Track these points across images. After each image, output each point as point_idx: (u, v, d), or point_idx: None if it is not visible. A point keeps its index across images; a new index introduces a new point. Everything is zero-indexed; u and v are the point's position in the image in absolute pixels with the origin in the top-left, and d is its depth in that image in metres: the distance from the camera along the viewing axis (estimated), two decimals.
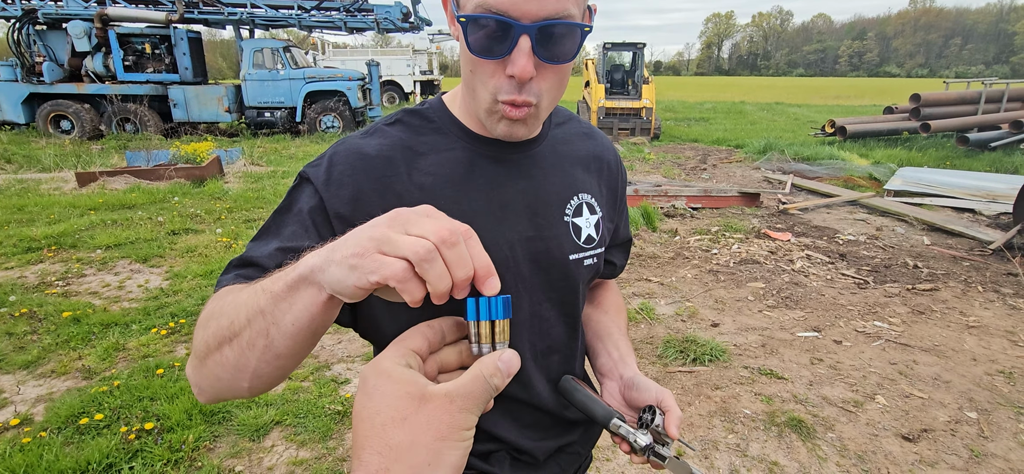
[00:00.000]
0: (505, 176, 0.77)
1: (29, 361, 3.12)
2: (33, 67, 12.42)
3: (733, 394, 2.91)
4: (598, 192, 0.87)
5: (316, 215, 0.69)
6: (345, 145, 0.74)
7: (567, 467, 0.90)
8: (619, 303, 1.00)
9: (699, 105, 24.99)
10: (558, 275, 0.80)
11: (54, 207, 6.31)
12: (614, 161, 0.93)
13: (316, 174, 0.71)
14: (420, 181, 0.73)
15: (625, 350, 0.87)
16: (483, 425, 0.80)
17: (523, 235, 0.77)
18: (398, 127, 0.77)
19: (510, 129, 0.69)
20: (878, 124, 12.54)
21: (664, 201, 6.74)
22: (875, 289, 4.35)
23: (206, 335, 0.59)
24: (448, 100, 0.80)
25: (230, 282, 0.66)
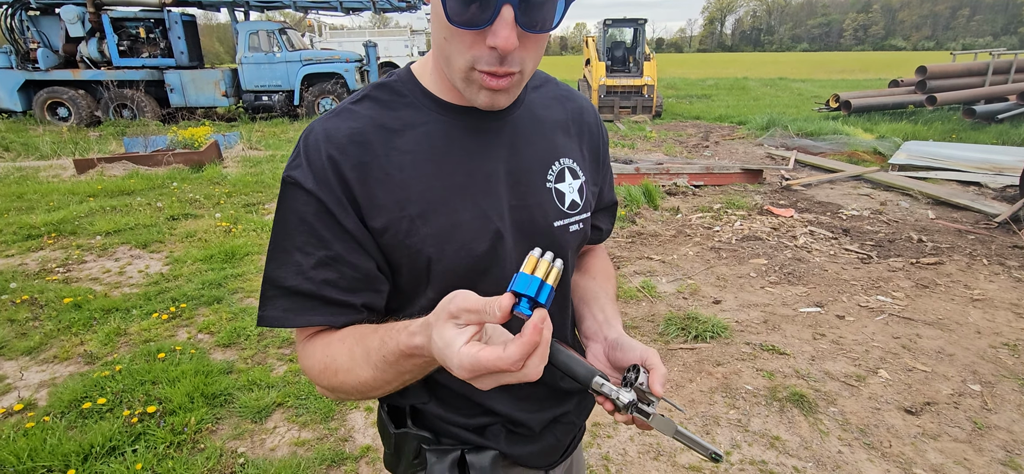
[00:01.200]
0: (484, 146, 0.74)
1: (31, 347, 3.13)
2: (28, 54, 12.29)
3: (734, 370, 2.90)
4: (580, 156, 0.85)
5: (322, 219, 0.68)
6: (315, 134, 0.70)
7: (562, 437, 0.89)
8: (607, 269, 0.98)
9: (701, 82, 24.71)
10: (544, 243, 0.78)
11: (53, 194, 6.29)
12: (594, 122, 0.90)
13: (302, 176, 0.69)
14: (398, 161, 0.70)
15: (611, 313, 0.85)
16: (478, 399, 0.79)
17: (507, 205, 0.75)
18: (367, 104, 0.73)
19: (491, 99, 0.66)
20: (883, 98, 12.38)
21: (666, 179, 6.69)
22: (879, 264, 4.32)
23: (346, 392, 0.71)
24: (417, 71, 0.76)
25: (313, 322, 0.71)
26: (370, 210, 0.69)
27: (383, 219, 0.69)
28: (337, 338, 0.72)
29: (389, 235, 0.70)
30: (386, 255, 0.72)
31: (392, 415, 0.85)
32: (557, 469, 0.93)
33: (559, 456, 0.91)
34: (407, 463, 0.82)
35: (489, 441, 0.82)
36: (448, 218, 0.71)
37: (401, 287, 0.75)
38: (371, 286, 0.72)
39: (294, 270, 0.70)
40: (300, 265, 0.69)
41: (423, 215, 0.70)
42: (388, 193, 0.69)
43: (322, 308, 0.70)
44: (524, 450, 0.85)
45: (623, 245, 4.85)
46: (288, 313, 0.70)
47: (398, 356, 0.64)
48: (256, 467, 2.20)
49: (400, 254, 0.71)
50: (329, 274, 0.69)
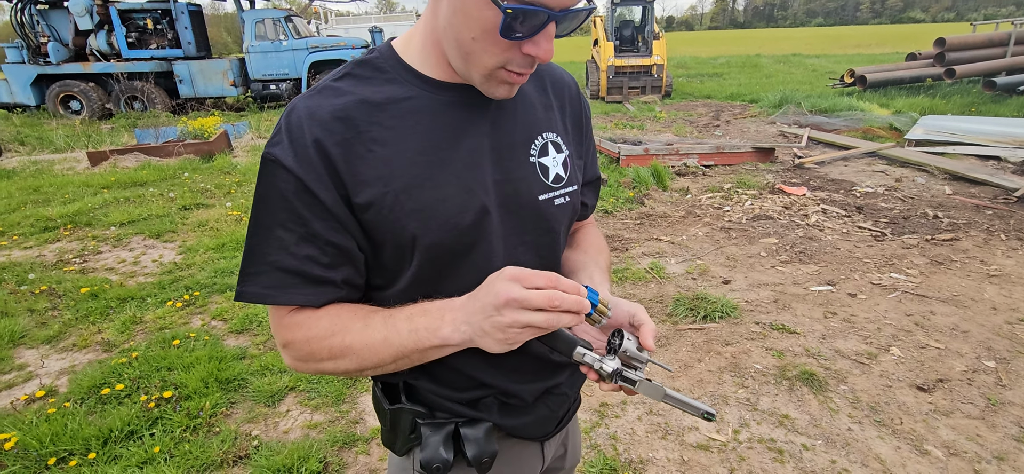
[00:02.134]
0: (468, 121, 0.74)
1: (51, 336, 3.21)
2: (39, 48, 12.42)
3: (743, 349, 2.89)
4: (563, 129, 0.85)
5: (302, 198, 0.68)
6: (297, 112, 0.70)
7: (556, 408, 0.89)
8: (598, 242, 0.97)
9: (712, 60, 24.32)
10: (530, 217, 0.79)
11: (68, 187, 6.40)
12: (575, 95, 0.90)
13: (283, 154, 0.68)
14: (382, 136, 0.70)
15: (599, 280, 0.85)
16: (468, 371, 0.80)
17: (492, 179, 0.75)
18: (349, 81, 0.73)
19: (509, 91, 0.70)
20: (900, 72, 12.10)
21: (675, 160, 6.62)
22: (893, 241, 4.26)
23: (340, 365, 0.72)
24: (399, 47, 0.76)
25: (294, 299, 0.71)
26: (354, 186, 0.69)
27: (368, 195, 0.69)
28: (345, 314, 0.73)
29: (373, 211, 0.70)
30: (370, 231, 0.72)
31: (386, 392, 0.86)
32: (552, 440, 0.94)
33: (553, 427, 0.91)
34: (403, 438, 0.83)
35: (482, 413, 0.83)
36: (433, 193, 0.71)
37: (385, 263, 0.75)
38: (351, 263, 0.73)
39: (277, 246, 0.70)
40: (283, 241, 0.69)
41: (407, 190, 0.70)
42: (372, 169, 0.69)
43: (304, 286, 0.71)
44: (517, 421, 0.85)
45: (631, 227, 4.82)
46: (270, 290, 0.70)
47: (424, 350, 0.69)
48: (270, 449, 2.25)
49: (384, 229, 0.71)
50: (311, 250, 0.70)
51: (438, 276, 0.75)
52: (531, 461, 0.91)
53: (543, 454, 0.92)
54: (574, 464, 1.05)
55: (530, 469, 0.92)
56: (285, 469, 2.12)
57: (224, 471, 2.17)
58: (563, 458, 1.01)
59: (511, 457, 0.88)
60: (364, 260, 0.75)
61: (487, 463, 0.80)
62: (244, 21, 12.60)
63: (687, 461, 2.16)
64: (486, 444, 0.80)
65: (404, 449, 0.84)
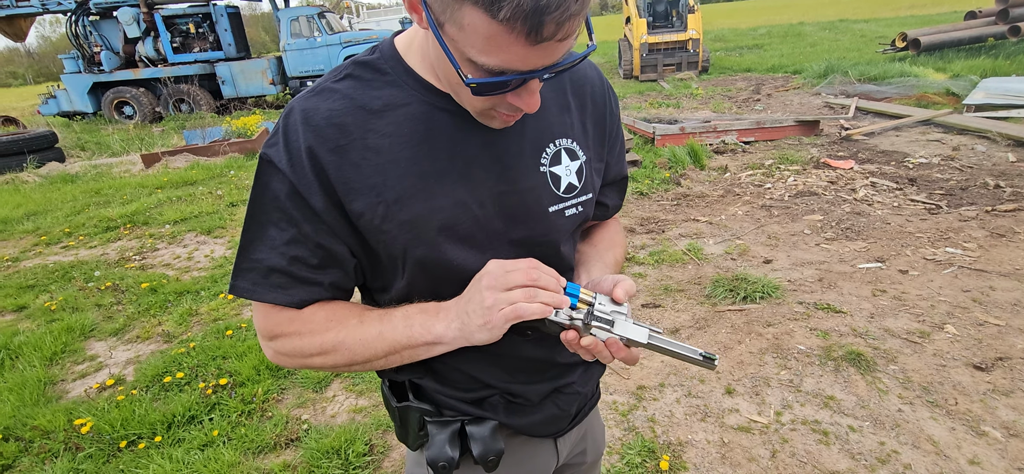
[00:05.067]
0: (468, 130, 0.71)
1: (117, 329, 3.44)
2: (93, 57, 13.21)
3: (786, 330, 2.82)
4: (581, 133, 0.80)
5: (294, 201, 0.68)
6: (294, 115, 0.69)
7: (566, 407, 0.88)
8: (612, 238, 0.93)
9: (752, 31, 23.36)
10: (539, 229, 0.76)
11: (126, 188, 6.78)
12: (600, 93, 0.84)
13: (277, 155, 0.68)
14: (376, 144, 0.68)
15: (597, 272, 0.82)
16: (470, 371, 0.80)
17: (494, 191, 0.72)
18: (348, 82, 0.71)
19: (506, 123, 0.69)
20: (958, 32, 11.31)
21: (713, 137, 6.44)
22: (949, 213, 4.03)
23: (328, 360, 0.73)
24: (402, 47, 0.73)
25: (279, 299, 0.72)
26: (347, 194, 0.68)
27: (360, 203, 0.68)
28: (341, 311, 0.74)
29: (366, 219, 0.69)
30: (365, 238, 0.71)
31: (394, 390, 0.86)
32: (567, 436, 0.93)
33: (566, 424, 0.90)
34: (414, 435, 0.84)
35: (487, 412, 0.83)
36: (424, 204, 0.69)
37: (382, 269, 0.75)
38: (340, 266, 0.73)
39: (268, 245, 0.70)
40: (273, 240, 0.70)
41: (399, 201, 0.69)
42: (365, 178, 0.68)
43: (291, 285, 0.71)
44: (524, 420, 0.84)
45: (668, 208, 4.74)
46: (257, 286, 0.71)
47: (416, 346, 0.71)
48: (319, 432, 2.36)
49: (376, 239, 0.71)
50: (300, 252, 0.70)
51: (433, 286, 0.74)
52: (544, 458, 0.91)
53: (557, 450, 0.92)
54: (596, 458, 1.04)
55: (544, 466, 0.91)
56: (334, 450, 2.22)
57: (277, 453, 2.29)
58: (583, 453, 0.99)
59: (522, 455, 0.88)
60: (357, 265, 0.75)
61: (494, 461, 0.80)
62: (280, 20, 12.95)
63: (727, 443, 2.14)
64: (492, 442, 0.80)
65: (416, 445, 0.85)
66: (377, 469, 2.19)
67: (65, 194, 6.81)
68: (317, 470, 2.15)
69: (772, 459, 2.04)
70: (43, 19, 14.72)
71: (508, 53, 0.55)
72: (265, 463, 2.24)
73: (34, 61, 52.27)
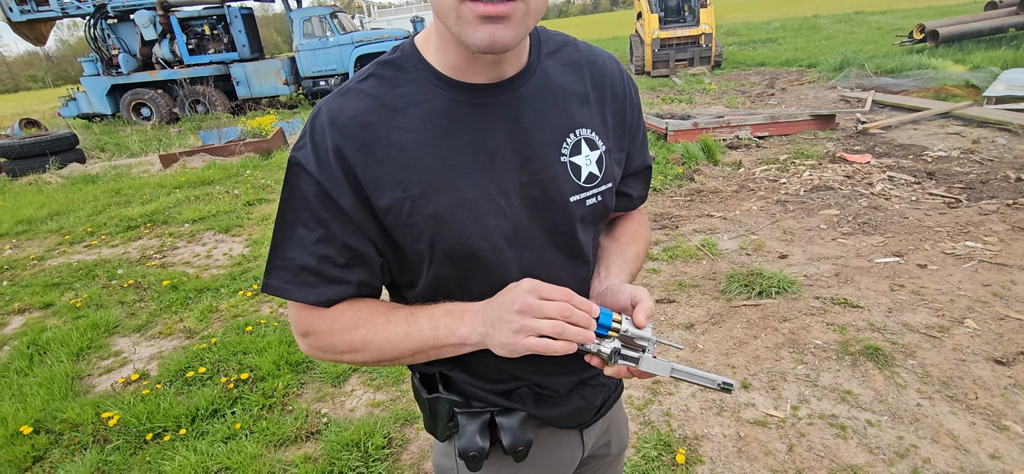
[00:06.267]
0: (490, 122, 0.72)
1: (140, 325, 3.52)
2: (111, 59, 13.46)
3: (802, 325, 2.81)
4: (601, 123, 0.80)
5: (322, 201, 0.70)
6: (321, 117, 0.71)
7: (592, 398, 0.90)
8: (634, 231, 0.94)
9: (766, 25, 23.09)
10: (561, 219, 0.77)
11: (145, 188, 6.91)
12: (620, 85, 0.84)
13: (305, 158, 0.70)
14: (400, 140, 0.70)
15: (616, 269, 0.83)
16: (501, 365, 0.80)
17: (516, 181, 0.73)
18: (371, 82, 0.72)
19: (491, 33, 0.60)
20: (977, 23, 11.09)
21: (726, 132, 6.40)
22: (968, 207, 3.98)
23: (358, 357, 0.77)
24: (421, 44, 0.74)
25: (309, 297, 0.75)
26: (374, 191, 0.70)
27: (387, 199, 0.70)
28: (368, 310, 0.77)
29: (393, 214, 0.70)
30: (392, 233, 0.73)
31: (424, 382, 0.88)
32: (592, 428, 0.94)
33: (592, 416, 0.92)
34: (443, 426, 0.85)
35: (516, 404, 0.84)
36: (450, 197, 0.70)
37: (407, 264, 0.77)
38: (367, 265, 0.75)
39: (298, 244, 0.73)
40: (303, 240, 0.73)
41: (425, 195, 0.70)
42: (390, 174, 0.70)
43: (320, 284, 0.74)
44: (552, 412, 0.86)
45: (681, 203, 4.73)
46: (288, 284, 0.74)
47: (441, 346, 0.73)
48: (338, 425, 2.40)
49: (403, 233, 0.72)
50: (328, 250, 0.72)
51: (460, 278, 0.75)
52: (571, 449, 0.92)
53: (582, 442, 0.93)
54: (620, 449, 1.05)
55: (570, 457, 0.92)
56: (353, 443, 2.26)
57: (298, 445, 2.34)
58: (608, 445, 1.01)
59: (549, 446, 0.89)
60: (384, 263, 0.77)
61: (523, 452, 0.81)
62: (292, 20, 13.08)
63: (744, 437, 2.15)
64: (521, 433, 0.81)
65: (445, 436, 0.87)
66: (396, 462, 2.22)
67: (86, 194, 6.96)
68: (337, 463, 2.19)
69: (789, 453, 2.04)
70: (62, 23, 15.04)
71: None
72: (287, 455, 2.28)
73: (54, 64, 53.30)
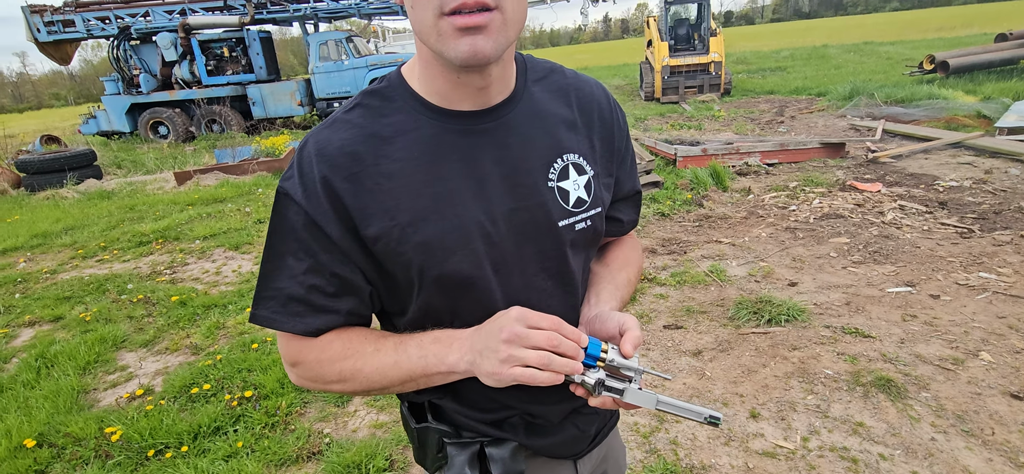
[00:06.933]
0: (477, 149, 0.72)
1: (147, 340, 3.53)
2: (132, 79, 13.84)
3: (812, 354, 2.76)
4: (588, 149, 0.81)
5: (310, 231, 0.70)
6: (308, 147, 0.72)
7: (586, 427, 0.88)
8: (625, 256, 0.93)
9: (775, 54, 23.25)
10: (549, 244, 0.77)
11: (158, 205, 7.02)
12: (606, 109, 0.84)
13: (293, 188, 0.71)
14: (388, 169, 0.70)
15: (606, 296, 0.82)
16: (493, 394, 0.78)
17: (505, 208, 0.73)
18: (358, 112, 0.73)
19: (471, 45, 0.60)
20: (988, 55, 11.08)
21: (735, 159, 6.40)
22: (982, 238, 3.92)
23: (346, 386, 0.76)
24: (407, 73, 0.75)
25: (297, 327, 0.74)
26: (362, 220, 0.70)
27: (375, 228, 0.70)
28: (357, 339, 0.76)
29: (381, 243, 0.71)
30: (381, 262, 0.73)
31: (413, 411, 0.86)
32: (588, 457, 0.92)
33: (586, 445, 0.90)
34: (432, 457, 0.84)
35: (507, 433, 0.82)
36: (439, 225, 0.71)
37: (396, 292, 0.77)
38: (356, 294, 0.75)
39: (287, 274, 0.73)
40: (292, 270, 0.72)
41: (413, 223, 0.70)
42: (378, 203, 0.70)
43: (308, 314, 0.73)
44: (544, 441, 0.84)
45: (690, 229, 4.71)
46: (277, 314, 0.74)
47: (430, 375, 0.73)
48: (340, 446, 2.38)
49: (392, 262, 0.72)
50: (316, 280, 0.72)
51: (449, 306, 0.75)
52: None
53: (577, 472, 0.91)
54: None
55: None
56: (355, 465, 2.24)
57: (300, 466, 2.32)
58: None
59: None
60: (373, 292, 0.76)
61: None
62: (309, 44, 13.38)
63: (752, 468, 2.10)
64: (512, 463, 0.80)
65: (434, 467, 0.85)
66: None
67: (101, 210, 7.08)
68: None
69: None
70: (86, 44, 15.53)
71: None
72: None
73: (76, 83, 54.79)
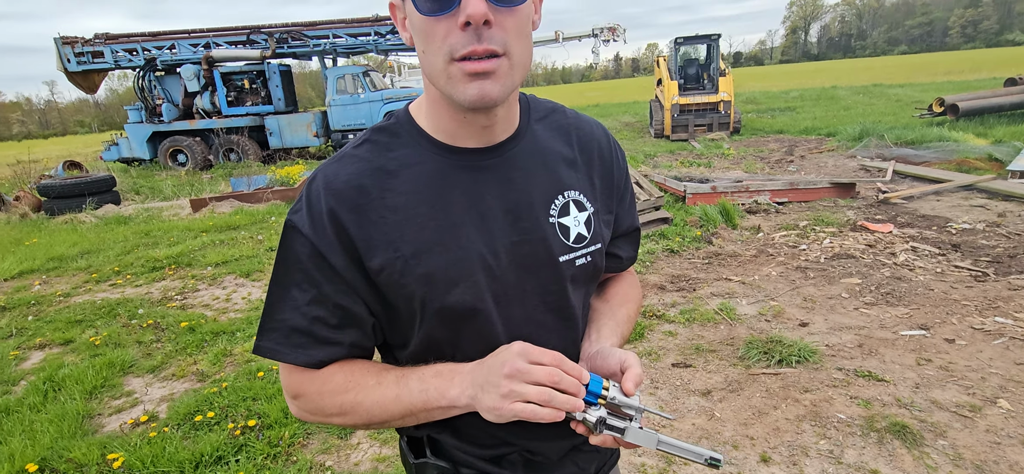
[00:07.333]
0: (481, 184, 0.74)
1: (155, 366, 3.55)
2: (154, 109, 14.31)
3: (825, 397, 2.70)
4: (588, 186, 0.83)
5: (315, 262, 0.72)
6: (317, 181, 0.74)
7: (586, 465, 0.88)
8: (625, 292, 0.95)
9: (784, 94, 23.43)
10: (550, 278, 0.78)
11: (173, 231, 7.13)
12: (606, 148, 0.87)
13: (301, 221, 0.72)
14: (393, 202, 0.72)
15: (607, 331, 0.83)
16: (492, 429, 0.78)
17: (507, 241, 0.75)
18: (366, 147, 0.76)
19: (480, 89, 0.64)
20: (998, 99, 11.10)
21: (745, 197, 6.40)
22: (997, 282, 3.86)
23: (347, 419, 0.76)
24: (414, 111, 0.78)
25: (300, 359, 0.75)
26: (367, 251, 0.71)
27: (379, 259, 0.71)
28: (359, 372, 0.76)
29: (385, 275, 0.72)
30: (384, 293, 0.74)
31: (411, 446, 0.86)
32: None
33: None
34: None
35: (506, 470, 0.82)
36: (440, 257, 0.72)
37: (399, 324, 0.78)
38: (359, 326, 0.76)
39: (291, 305, 0.74)
40: (296, 301, 0.73)
41: (416, 255, 0.72)
42: (383, 235, 0.71)
43: (311, 345, 0.74)
44: None
45: (699, 266, 4.68)
46: (280, 346, 0.74)
47: (431, 409, 0.73)
48: None
49: (396, 293, 0.73)
50: (320, 312, 0.73)
51: (451, 338, 0.76)
52: None
53: None
54: None
55: None
56: None
57: None
58: None
59: None
60: (375, 324, 0.77)
61: None
62: (327, 77, 13.78)
63: None
64: None
65: None
66: None
67: (117, 235, 7.20)
68: None
69: None
70: (112, 74, 16.08)
71: None
72: None
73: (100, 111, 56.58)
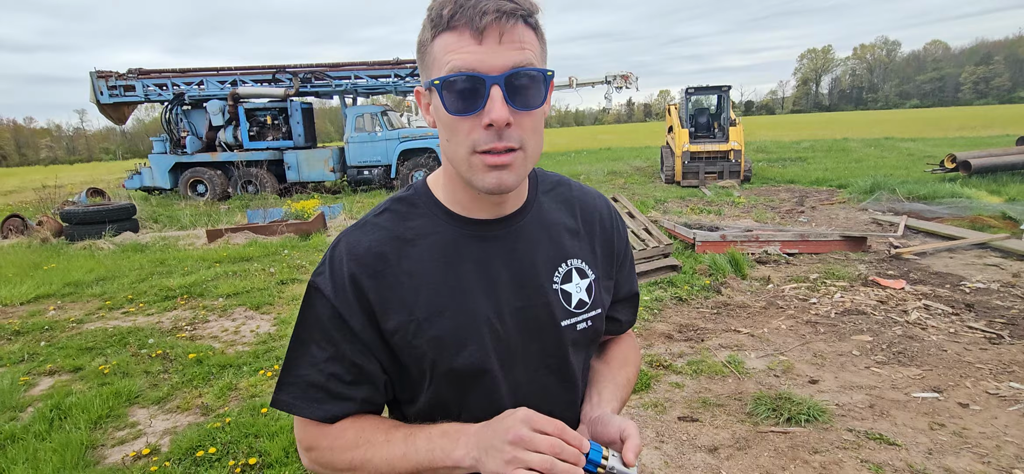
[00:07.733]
0: (491, 252, 0.81)
1: (160, 397, 3.57)
2: (179, 141, 14.80)
3: (835, 459, 2.64)
4: (590, 254, 0.89)
5: (335, 323, 0.78)
6: (340, 247, 0.81)
7: None
8: (624, 355, 1.00)
9: (795, 144, 23.55)
10: (551, 342, 0.83)
11: (188, 261, 7.24)
12: (607, 219, 0.94)
13: (324, 283, 0.79)
14: (409, 268, 0.79)
15: (608, 395, 0.87)
16: None
17: (512, 306, 0.81)
18: (386, 216, 0.83)
19: (498, 178, 0.71)
20: (1011, 156, 11.07)
21: (755, 247, 6.39)
22: (1012, 345, 3.78)
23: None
24: (432, 184, 0.85)
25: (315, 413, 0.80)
26: (383, 314, 0.78)
27: (394, 322, 0.78)
28: (369, 428, 0.80)
29: (399, 336, 0.78)
30: (397, 353, 0.80)
31: None
32: None
33: None
34: None
35: None
36: (451, 321, 0.78)
37: (409, 383, 0.84)
38: (372, 383, 0.82)
39: (309, 362, 0.80)
40: (314, 358, 0.80)
41: (429, 319, 0.78)
42: (399, 298, 0.78)
43: (326, 400, 0.80)
44: None
45: (707, 316, 4.65)
46: (297, 400, 0.80)
47: (436, 468, 0.75)
48: None
49: (407, 354, 0.79)
50: (336, 369, 0.79)
51: (457, 397, 0.81)
52: None
53: None
54: None
55: None
56: None
57: None
58: None
59: None
60: (388, 381, 0.83)
61: None
62: (346, 115, 14.21)
63: None
64: None
65: None
66: None
67: (133, 262, 7.34)
68: None
69: None
70: (141, 106, 16.71)
71: (462, 53, 0.67)
72: None
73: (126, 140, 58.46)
